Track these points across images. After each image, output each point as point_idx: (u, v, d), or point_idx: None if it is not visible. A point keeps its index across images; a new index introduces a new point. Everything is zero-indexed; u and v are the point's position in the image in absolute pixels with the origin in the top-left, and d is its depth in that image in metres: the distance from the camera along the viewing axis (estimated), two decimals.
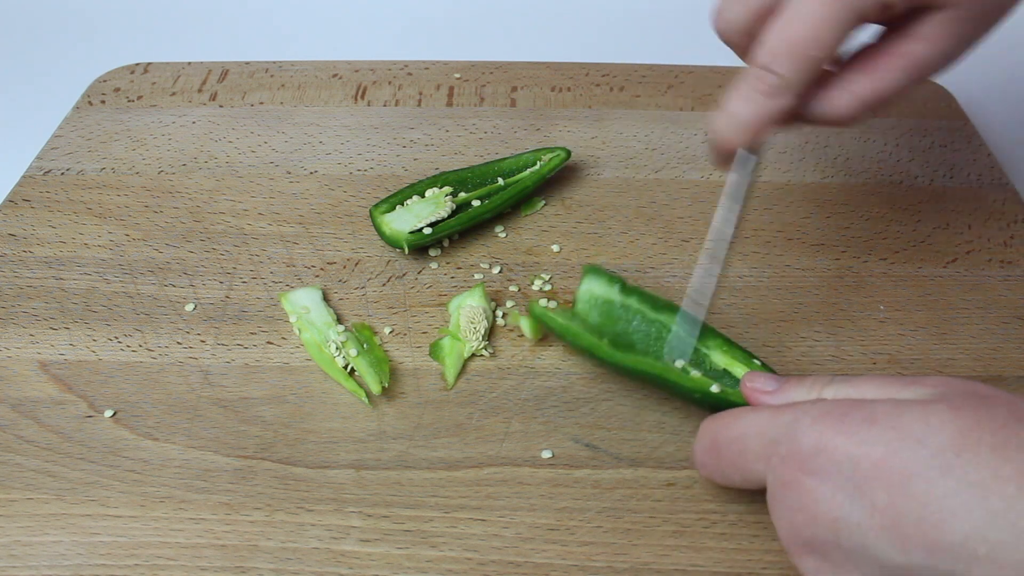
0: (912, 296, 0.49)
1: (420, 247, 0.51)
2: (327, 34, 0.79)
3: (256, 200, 0.56)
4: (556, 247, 0.53)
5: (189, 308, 0.49)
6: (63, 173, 0.58)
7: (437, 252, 0.52)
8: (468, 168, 0.56)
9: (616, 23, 0.79)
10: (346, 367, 0.45)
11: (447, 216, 0.51)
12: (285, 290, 0.50)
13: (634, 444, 0.42)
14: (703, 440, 0.37)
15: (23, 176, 0.58)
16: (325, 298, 0.49)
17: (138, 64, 0.69)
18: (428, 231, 0.50)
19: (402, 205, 0.52)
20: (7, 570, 0.37)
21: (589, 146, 0.60)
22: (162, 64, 0.69)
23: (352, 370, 0.45)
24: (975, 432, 0.29)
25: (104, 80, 0.67)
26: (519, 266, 0.51)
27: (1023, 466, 0.28)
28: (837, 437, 0.31)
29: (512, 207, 0.55)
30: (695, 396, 0.41)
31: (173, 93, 0.66)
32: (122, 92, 0.66)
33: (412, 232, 0.50)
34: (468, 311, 0.47)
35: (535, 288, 0.50)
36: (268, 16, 0.80)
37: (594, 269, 0.46)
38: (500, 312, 0.49)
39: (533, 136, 0.61)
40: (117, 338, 0.47)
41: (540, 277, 0.50)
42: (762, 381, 0.38)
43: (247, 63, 0.68)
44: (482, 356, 0.46)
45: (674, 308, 0.44)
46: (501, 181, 0.55)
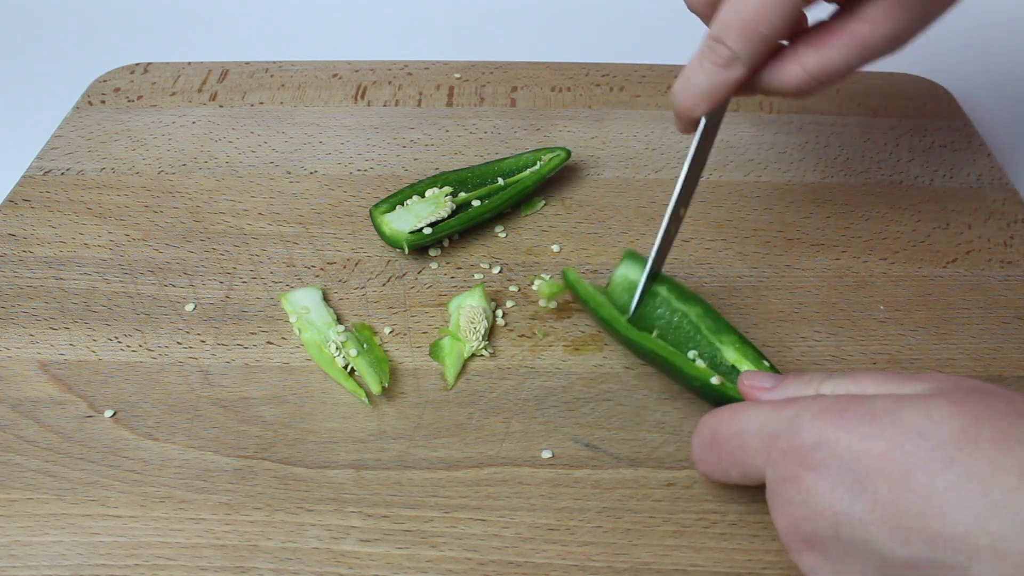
0: (912, 296, 0.49)
1: (420, 247, 0.51)
2: (327, 34, 0.79)
3: (256, 200, 0.56)
4: (556, 247, 0.53)
5: (189, 308, 0.49)
6: (63, 173, 0.58)
7: (437, 252, 0.52)
8: (468, 168, 0.56)
9: (616, 23, 0.79)
10: (346, 367, 0.45)
11: (447, 216, 0.51)
12: (285, 290, 0.50)
13: (634, 444, 0.42)
14: (702, 436, 0.37)
15: (23, 176, 0.58)
16: (325, 298, 0.49)
17: (138, 64, 0.69)
18: (428, 231, 0.50)
19: (402, 205, 0.52)
20: (7, 570, 0.37)
21: (589, 146, 0.60)
22: (162, 64, 0.69)
23: (352, 370, 0.45)
24: (975, 425, 0.29)
25: (104, 80, 0.67)
26: (519, 266, 0.51)
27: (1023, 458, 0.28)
28: (838, 432, 0.31)
29: (512, 207, 0.55)
30: (695, 385, 0.41)
31: (173, 93, 0.66)
32: (122, 92, 0.66)
33: (412, 232, 0.50)
34: (468, 311, 0.47)
35: (535, 288, 0.50)
36: (268, 16, 0.80)
37: (632, 255, 0.47)
38: (500, 312, 0.49)
39: (533, 136, 0.61)
40: (117, 338, 0.47)
41: (540, 277, 0.50)
42: (759, 379, 0.38)
43: (247, 63, 0.68)
44: (482, 356, 0.46)
45: (700, 301, 0.45)
46: (501, 181, 0.55)
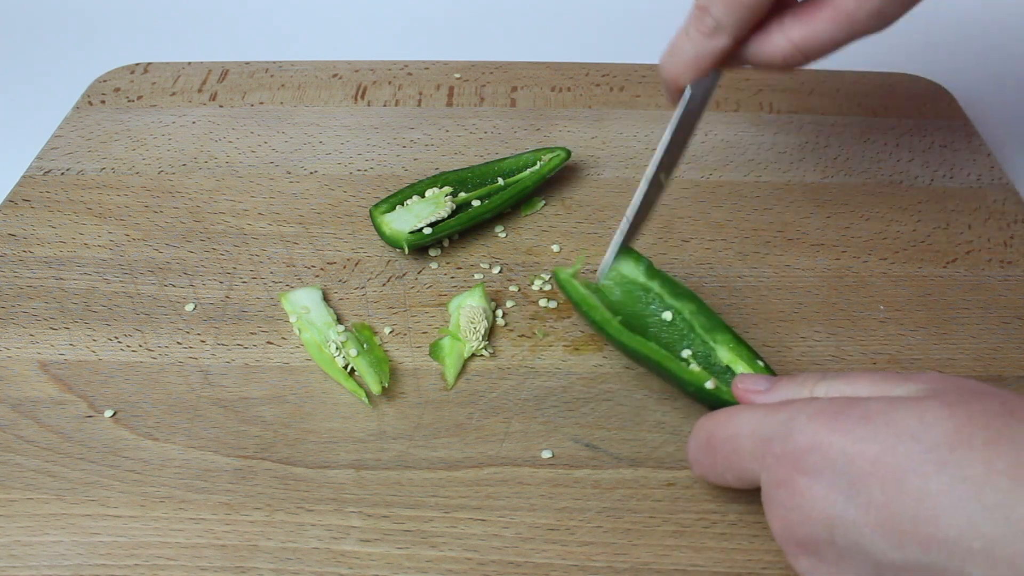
0: (912, 296, 0.49)
1: (420, 247, 0.51)
2: (327, 34, 0.79)
3: (256, 200, 0.56)
4: (556, 247, 0.53)
5: (189, 308, 0.49)
6: (63, 173, 0.58)
7: (437, 252, 0.52)
8: (468, 168, 0.56)
9: (616, 23, 0.79)
10: (346, 367, 0.45)
11: (447, 216, 0.51)
12: (285, 290, 0.50)
13: (634, 444, 0.42)
14: (697, 439, 0.37)
15: (23, 176, 0.58)
16: (325, 298, 0.49)
17: (138, 64, 0.69)
18: (428, 231, 0.50)
19: (402, 205, 0.52)
20: (7, 570, 0.37)
21: (589, 146, 0.60)
22: (162, 64, 0.69)
23: (352, 370, 0.45)
24: (968, 427, 0.29)
25: (104, 80, 0.67)
26: (519, 266, 0.51)
27: (1016, 460, 0.28)
28: (831, 435, 0.31)
29: (512, 207, 0.55)
30: (689, 389, 0.41)
31: (173, 93, 0.66)
32: (122, 92, 0.66)
33: (412, 232, 0.50)
34: (468, 311, 0.47)
35: (535, 288, 0.50)
36: (268, 16, 0.80)
37: (625, 248, 0.46)
38: (500, 312, 0.49)
39: (533, 136, 0.61)
40: (117, 338, 0.47)
41: (540, 277, 0.50)
42: (753, 382, 0.38)
43: (247, 63, 0.68)
44: (482, 356, 0.46)
45: (693, 297, 0.44)
46: (501, 181, 0.55)
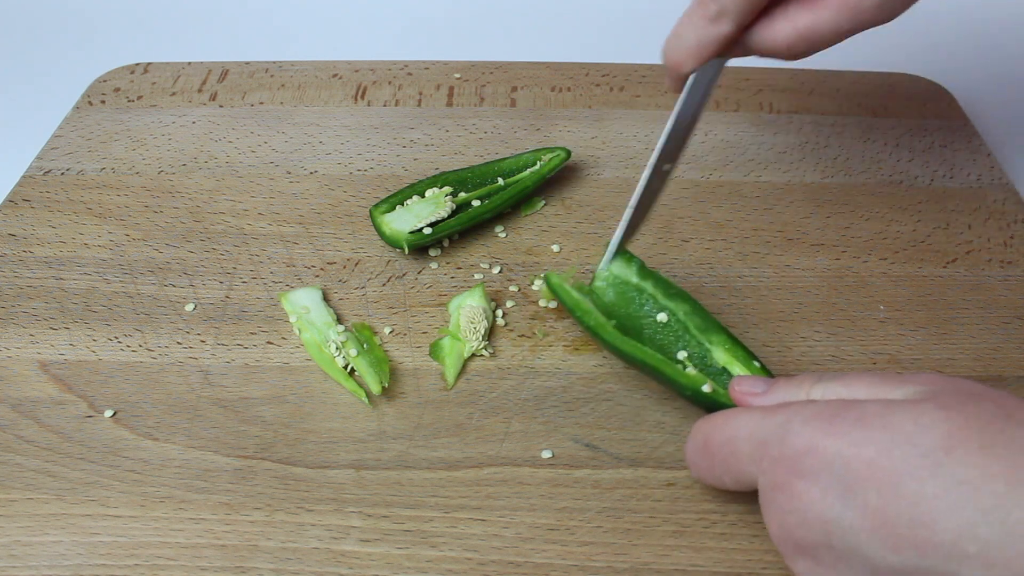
0: (912, 296, 0.49)
1: (420, 247, 0.51)
2: (327, 34, 0.79)
3: (256, 200, 0.56)
4: (556, 247, 0.53)
5: (189, 308, 0.49)
6: (63, 173, 0.58)
7: (437, 252, 0.52)
8: (468, 168, 0.56)
9: (616, 23, 0.79)
10: (346, 367, 0.45)
11: (447, 216, 0.51)
12: (285, 290, 0.50)
13: (634, 444, 0.42)
14: (695, 441, 0.37)
15: (23, 176, 0.58)
16: (325, 298, 0.49)
17: (138, 64, 0.69)
18: (428, 231, 0.50)
19: (402, 205, 0.52)
20: (7, 570, 0.37)
21: (589, 146, 0.60)
22: (162, 64, 0.69)
23: (352, 370, 0.45)
24: (964, 431, 0.29)
25: (104, 80, 0.67)
26: (519, 266, 0.51)
27: (1012, 463, 0.28)
28: (827, 438, 0.31)
29: (512, 207, 0.55)
30: (686, 393, 0.41)
31: (173, 93, 0.66)
32: (122, 92, 0.66)
33: (412, 232, 0.50)
34: (468, 311, 0.47)
35: (535, 288, 0.50)
36: (268, 16, 0.80)
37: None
38: (500, 312, 0.49)
39: (533, 136, 0.61)
40: (117, 338, 0.47)
41: (540, 277, 0.50)
42: (750, 384, 0.38)
43: (247, 63, 0.68)
44: (482, 356, 0.46)
45: (687, 298, 0.44)
46: (501, 181, 0.55)
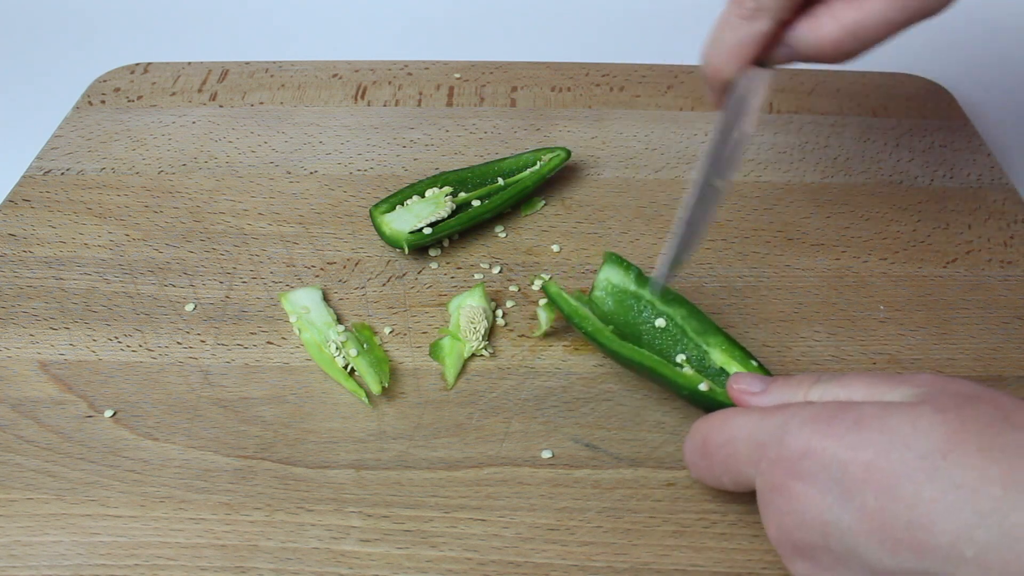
0: (912, 296, 0.49)
1: (420, 247, 0.51)
2: (327, 34, 0.79)
3: (256, 200, 0.56)
4: (556, 247, 0.53)
5: (189, 308, 0.49)
6: (63, 173, 0.58)
7: (437, 252, 0.52)
8: (468, 168, 0.56)
9: (616, 23, 0.79)
10: (346, 367, 0.45)
11: (447, 216, 0.51)
12: (285, 290, 0.50)
13: (634, 444, 0.42)
14: (693, 441, 0.37)
15: (23, 176, 0.58)
16: (325, 298, 0.49)
17: (138, 64, 0.69)
18: (428, 231, 0.50)
19: (402, 205, 0.52)
20: (7, 570, 0.37)
21: (589, 146, 0.60)
22: (162, 64, 0.69)
23: (352, 370, 0.45)
24: (961, 434, 0.29)
25: (104, 80, 0.67)
26: (519, 266, 0.51)
27: (1009, 467, 0.28)
28: (825, 441, 0.31)
29: (512, 207, 0.55)
30: (684, 393, 0.41)
31: (173, 93, 0.66)
32: (122, 92, 0.66)
33: (412, 232, 0.50)
34: (468, 311, 0.47)
35: (535, 288, 0.50)
36: (268, 16, 0.80)
37: (613, 257, 0.47)
38: (500, 312, 0.49)
39: (533, 136, 0.61)
40: (117, 338, 0.47)
41: (540, 277, 0.50)
42: (748, 382, 0.38)
43: (247, 63, 0.68)
44: (482, 356, 0.46)
45: (684, 302, 0.44)
46: (501, 181, 0.55)
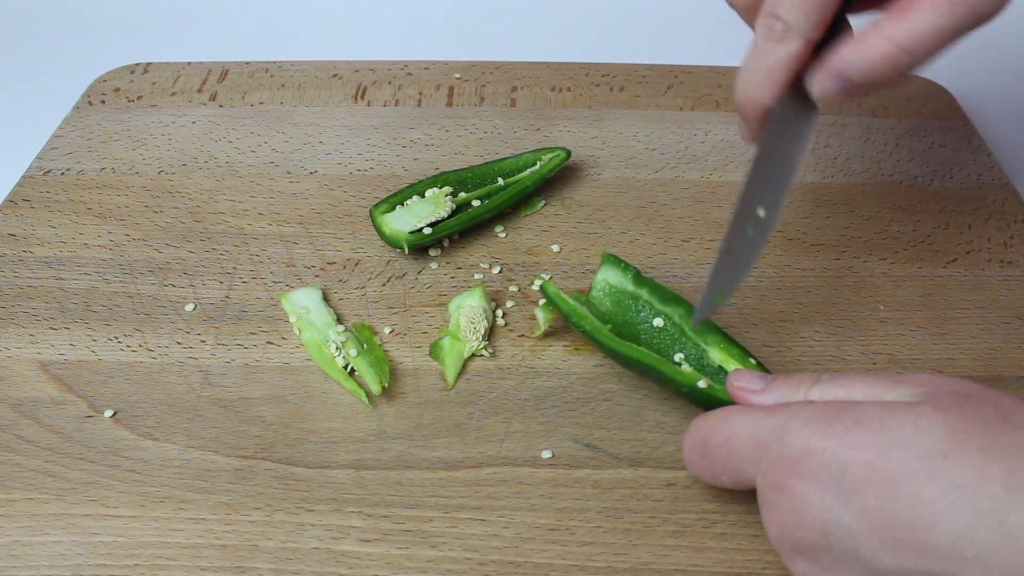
0: (912, 296, 0.49)
1: (420, 247, 0.51)
2: (327, 34, 0.79)
3: (256, 200, 0.56)
4: (556, 247, 0.53)
5: (189, 308, 0.49)
6: (63, 173, 0.58)
7: (437, 252, 0.52)
8: (468, 168, 0.56)
9: (616, 23, 0.79)
10: (346, 367, 0.45)
11: (447, 216, 0.51)
12: (285, 290, 0.50)
13: (634, 444, 0.42)
14: (693, 440, 0.37)
15: (23, 176, 0.58)
16: (325, 298, 0.49)
17: (138, 64, 0.69)
18: (428, 231, 0.50)
19: (402, 205, 0.52)
20: (7, 570, 0.37)
21: (589, 146, 0.60)
22: (162, 64, 0.69)
23: (352, 370, 0.45)
24: (962, 434, 0.29)
25: (104, 80, 0.67)
26: (519, 266, 0.51)
27: (1010, 467, 0.28)
28: (825, 440, 0.31)
29: (512, 207, 0.55)
30: (683, 390, 0.41)
31: (173, 93, 0.66)
32: (122, 92, 0.66)
33: (412, 232, 0.50)
34: (468, 311, 0.47)
35: (535, 288, 0.50)
36: (268, 16, 0.80)
37: (611, 258, 0.47)
38: (500, 312, 0.49)
39: (533, 136, 0.61)
40: (117, 338, 0.47)
41: (540, 277, 0.50)
42: (748, 380, 0.37)
43: (247, 63, 0.68)
44: (482, 356, 0.46)
45: (681, 302, 0.45)
46: (501, 181, 0.55)
